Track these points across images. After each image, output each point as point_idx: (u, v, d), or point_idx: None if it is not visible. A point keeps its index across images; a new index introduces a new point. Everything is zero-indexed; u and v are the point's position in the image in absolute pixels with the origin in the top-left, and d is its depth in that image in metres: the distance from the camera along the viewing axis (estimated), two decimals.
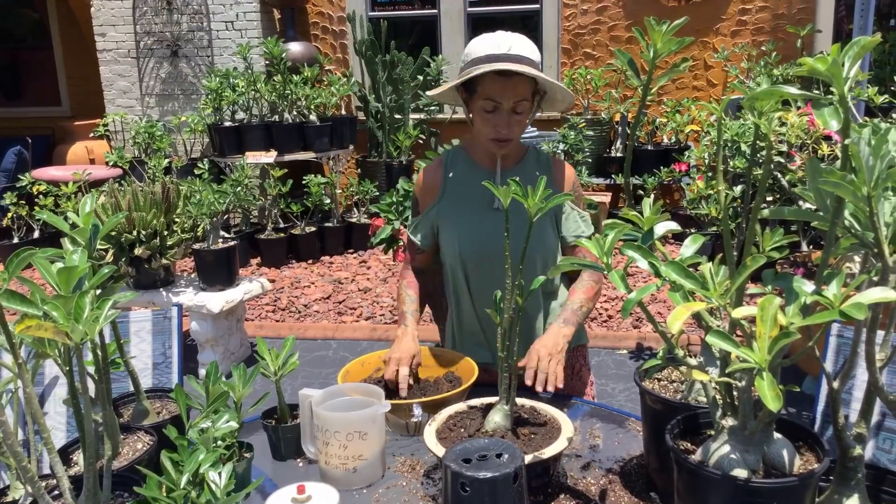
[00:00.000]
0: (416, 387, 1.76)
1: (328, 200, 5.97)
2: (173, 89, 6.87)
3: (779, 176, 3.09)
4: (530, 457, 1.30)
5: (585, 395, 2.00)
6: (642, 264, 1.03)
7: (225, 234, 4.45)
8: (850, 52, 0.87)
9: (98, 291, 1.05)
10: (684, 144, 6.13)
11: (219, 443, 1.28)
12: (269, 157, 5.86)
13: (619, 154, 6.35)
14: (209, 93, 5.82)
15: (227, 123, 5.99)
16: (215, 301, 3.88)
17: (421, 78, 6.49)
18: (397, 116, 6.55)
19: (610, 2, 6.63)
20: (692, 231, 1.35)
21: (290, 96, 5.98)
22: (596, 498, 1.37)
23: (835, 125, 0.86)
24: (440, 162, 1.92)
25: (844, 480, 1.06)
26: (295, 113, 6.07)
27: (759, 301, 0.91)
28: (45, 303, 0.90)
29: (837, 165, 0.93)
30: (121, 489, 1.18)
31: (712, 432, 1.10)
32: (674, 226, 1.12)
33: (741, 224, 1.20)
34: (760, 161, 1.92)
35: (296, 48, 6.49)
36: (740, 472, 1.01)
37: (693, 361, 1.08)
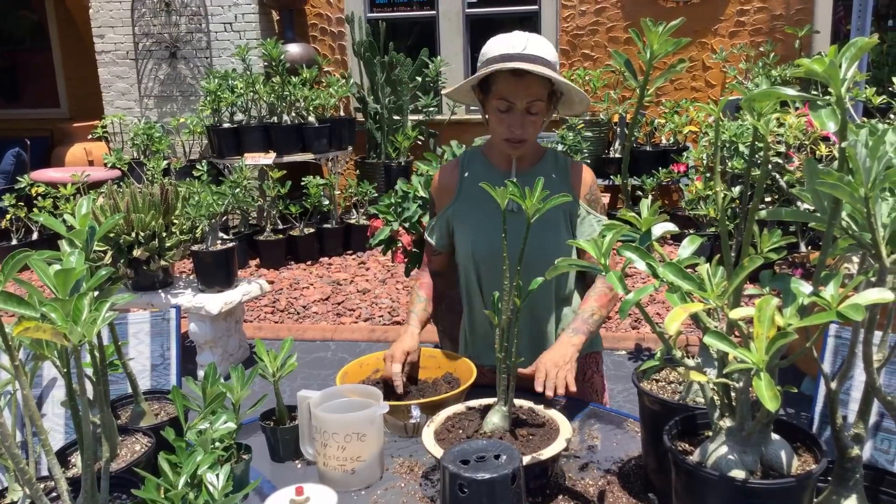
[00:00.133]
0: (415, 388, 1.76)
1: (327, 202, 5.97)
2: (172, 91, 6.87)
3: (777, 177, 3.09)
4: (528, 458, 1.30)
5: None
6: (640, 265, 1.03)
7: (224, 236, 4.45)
8: (848, 53, 0.87)
9: (96, 293, 1.05)
10: (683, 145, 6.13)
11: (217, 444, 1.28)
12: (268, 158, 5.86)
13: (617, 155, 6.36)
14: (208, 94, 5.82)
15: (226, 125, 6.00)
16: (214, 302, 3.88)
17: (419, 79, 6.49)
18: (396, 118, 6.55)
19: (608, 3, 6.64)
20: (690, 232, 1.36)
21: (289, 97, 5.98)
22: (594, 499, 1.37)
23: (832, 126, 0.87)
24: (457, 162, 1.91)
25: (842, 481, 1.06)
26: (293, 114, 6.08)
27: (756, 302, 0.91)
28: (43, 304, 0.89)
29: (835, 166, 0.93)
30: (119, 491, 1.18)
31: (710, 433, 1.10)
32: (671, 227, 1.12)
33: (740, 225, 1.20)
34: (759, 162, 1.92)
35: (294, 49, 6.49)
36: (738, 473, 1.01)
37: (691, 362, 1.08)
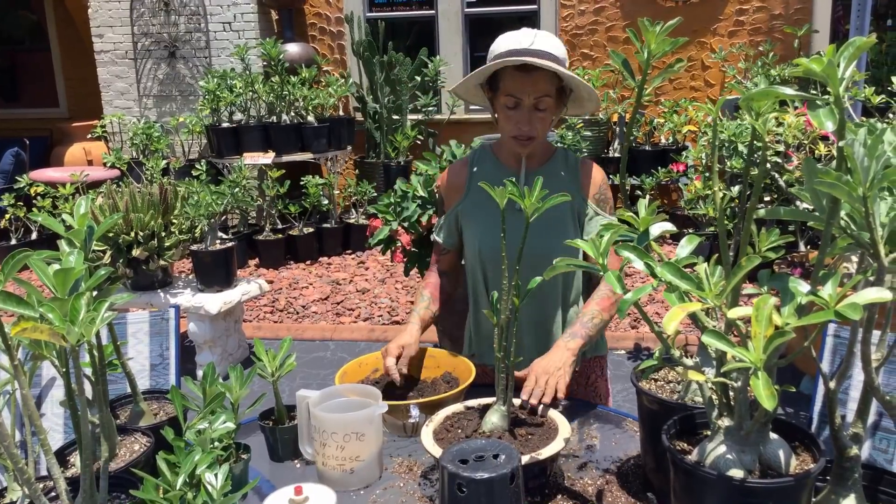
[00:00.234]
0: (414, 387, 1.75)
1: (326, 201, 5.97)
2: (171, 90, 6.87)
3: (776, 176, 3.09)
4: (527, 457, 1.30)
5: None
6: (638, 265, 1.03)
7: (223, 235, 4.45)
8: (846, 52, 0.87)
9: (95, 293, 1.05)
10: (682, 145, 6.13)
11: (216, 444, 1.28)
12: (267, 157, 5.86)
13: (616, 154, 6.36)
14: (207, 94, 5.82)
15: (225, 124, 6.00)
16: (213, 302, 3.88)
17: (419, 79, 6.49)
18: (395, 117, 6.55)
19: (607, 2, 6.64)
20: (689, 231, 1.36)
21: (288, 97, 5.98)
22: (593, 498, 1.37)
23: (830, 126, 0.87)
24: (466, 161, 1.90)
25: (841, 480, 1.07)
26: (293, 114, 6.07)
27: (754, 301, 0.91)
28: (42, 304, 0.89)
29: (834, 166, 0.93)
30: (117, 491, 1.18)
31: (709, 432, 1.10)
32: (669, 226, 1.12)
33: (738, 224, 1.20)
34: (757, 161, 1.92)
35: (293, 49, 6.49)
36: (736, 473, 1.01)
37: (689, 362, 1.09)
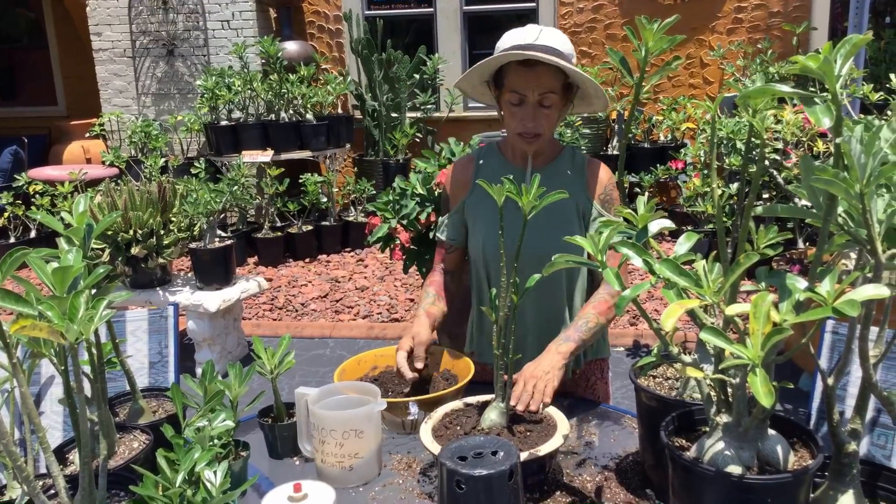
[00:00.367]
0: (422, 382, 1.74)
1: (325, 199, 5.97)
2: (169, 88, 6.86)
3: (775, 173, 3.10)
4: (526, 454, 1.30)
5: None
6: (636, 262, 1.03)
7: (222, 233, 4.44)
8: (842, 49, 0.87)
9: (93, 291, 1.05)
10: (681, 142, 6.14)
11: (215, 441, 1.28)
12: (266, 155, 5.86)
13: (615, 152, 6.36)
14: (205, 92, 5.81)
15: (224, 122, 5.99)
16: (212, 300, 3.88)
17: (417, 76, 6.49)
18: (394, 115, 6.54)
19: (605, 0, 6.64)
20: (688, 228, 1.36)
21: (287, 95, 5.98)
22: (592, 495, 1.37)
23: (827, 123, 0.87)
24: (471, 157, 1.89)
25: (839, 476, 1.07)
26: (291, 112, 6.07)
27: (752, 298, 0.92)
28: (41, 302, 0.90)
29: (831, 163, 0.93)
30: (117, 488, 1.19)
31: (707, 429, 1.10)
32: (667, 223, 1.12)
33: (737, 221, 1.20)
34: (756, 158, 1.92)
35: (292, 47, 6.49)
36: (734, 469, 1.01)
37: (687, 358, 1.09)
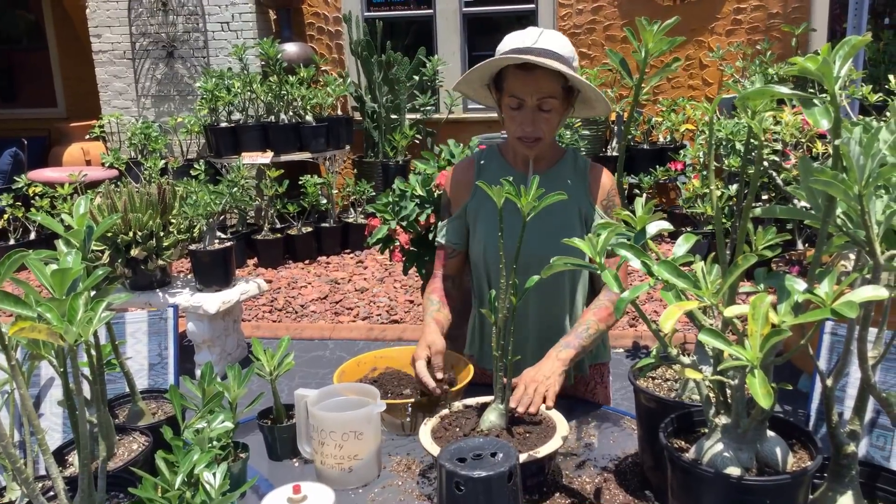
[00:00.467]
0: (411, 387, 1.74)
1: (325, 201, 5.97)
2: (169, 90, 6.86)
3: (774, 174, 3.10)
4: (525, 456, 1.30)
5: None
6: (635, 263, 1.03)
7: (221, 235, 4.44)
8: (841, 51, 0.87)
9: (93, 293, 1.05)
10: (680, 143, 6.14)
11: (214, 443, 1.28)
12: (266, 157, 5.86)
13: (615, 153, 6.36)
14: (205, 93, 5.81)
15: (223, 124, 5.99)
16: (212, 302, 3.88)
17: (417, 78, 6.49)
18: (393, 117, 6.55)
19: (605, 1, 6.64)
20: (687, 230, 1.36)
21: (286, 97, 5.98)
22: (591, 496, 1.37)
23: (825, 124, 0.87)
24: (472, 161, 1.87)
25: (838, 477, 1.07)
26: (291, 113, 6.07)
27: (751, 299, 0.92)
28: (40, 304, 0.90)
29: (830, 164, 0.93)
30: (116, 490, 1.18)
31: (706, 430, 1.10)
32: (666, 225, 1.12)
33: (736, 223, 1.21)
34: (754, 159, 1.92)
35: (291, 49, 6.49)
36: (733, 470, 1.01)
37: (686, 360, 1.09)
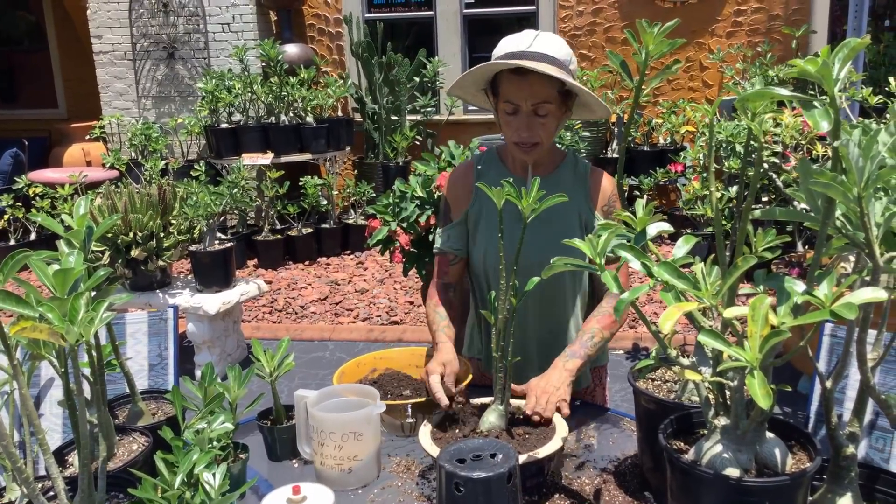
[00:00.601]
0: (411, 387, 1.75)
1: (325, 202, 5.97)
2: (170, 91, 6.87)
3: (774, 176, 3.10)
4: (525, 457, 1.30)
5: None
6: (635, 265, 1.03)
7: (221, 236, 4.45)
8: (840, 53, 0.87)
9: (93, 293, 1.05)
10: (680, 145, 6.14)
11: (214, 444, 1.28)
12: (266, 158, 5.86)
13: (615, 155, 6.36)
14: (205, 94, 5.82)
15: (224, 125, 5.99)
16: (212, 302, 3.88)
17: (417, 79, 6.50)
18: (394, 118, 6.55)
19: (605, 3, 6.65)
20: (687, 231, 1.36)
21: (287, 98, 5.98)
22: (590, 497, 1.37)
23: (825, 126, 0.87)
24: (471, 165, 1.85)
25: (837, 479, 1.07)
26: (291, 114, 6.07)
27: (750, 301, 0.92)
28: (41, 304, 0.90)
29: (830, 166, 0.93)
30: (116, 490, 1.19)
31: (705, 432, 1.11)
32: (666, 226, 1.13)
33: (736, 224, 1.21)
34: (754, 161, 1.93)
35: (292, 50, 6.49)
36: (732, 472, 1.01)
37: (685, 361, 1.09)
